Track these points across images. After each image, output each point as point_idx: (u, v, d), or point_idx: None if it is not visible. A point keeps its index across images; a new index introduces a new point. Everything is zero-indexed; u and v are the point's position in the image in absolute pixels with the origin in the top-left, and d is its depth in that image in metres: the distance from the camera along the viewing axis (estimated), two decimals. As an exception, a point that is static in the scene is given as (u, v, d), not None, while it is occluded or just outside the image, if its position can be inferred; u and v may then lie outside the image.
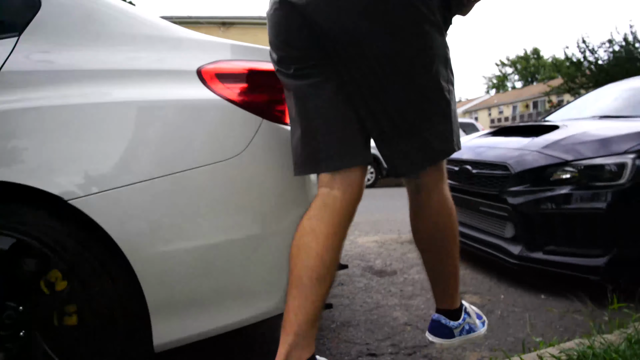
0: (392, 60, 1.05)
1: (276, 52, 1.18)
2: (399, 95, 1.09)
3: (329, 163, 1.13)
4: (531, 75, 59.05)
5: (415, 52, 1.05)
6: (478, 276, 2.63)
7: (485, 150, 2.82)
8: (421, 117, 1.13)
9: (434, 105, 1.13)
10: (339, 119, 1.12)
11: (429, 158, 1.18)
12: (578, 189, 2.19)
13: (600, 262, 2.09)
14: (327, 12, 1.02)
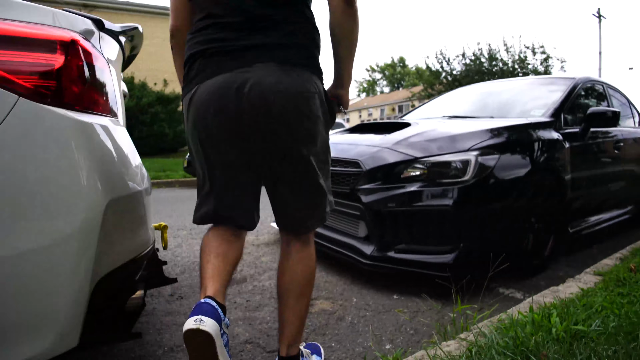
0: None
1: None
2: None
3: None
4: (397, 82, 64.22)
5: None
6: (332, 279, 2.52)
7: (340, 146, 2.73)
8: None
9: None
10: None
11: (304, 229, 1.39)
12: (426, 186, 2.19)
13: (448, 259, 2.12)
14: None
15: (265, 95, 1.15)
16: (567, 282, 1.95)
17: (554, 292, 1.83)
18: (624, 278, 1.88)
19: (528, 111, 3.18)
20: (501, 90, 3.91)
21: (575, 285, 1.89)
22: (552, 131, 2.81)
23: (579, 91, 3.33)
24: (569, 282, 1.96)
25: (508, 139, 2.48)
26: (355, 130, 3.14)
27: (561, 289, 1.85)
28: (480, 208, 2.19)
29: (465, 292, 2.25)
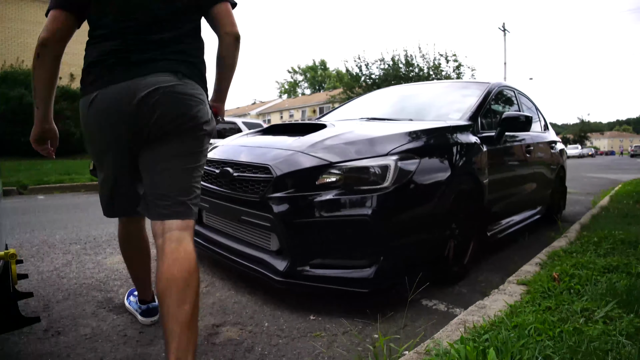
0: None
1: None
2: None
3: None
4: (319, 84, 64.99)
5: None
6: (242, 299, 2.21)
7: (249, 150, 2.44)
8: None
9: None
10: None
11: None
12: (343, 193, 1.96)
13: (368, 273, 1.91)
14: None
15: (160, 100, 1.33)
16: (493, 295, 1.84)
17: (481, 307, 1.69)
18: (549, 288, 1.80)
19: (446, 114, 3.12)
20: (419, 93, 3.86)
21: (501, 298, 1.77)
22: (470, 135, 2.75)
23: (493, 96, 3.35)
24: (494, 294, 1.84)
25: (428, 142, 2.35)
26: (268, 132, 2.86)
27: (488, 304, 1.72)
28: (401, 216, 2.02)
29: (386, 305, 2.08)
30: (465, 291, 2.39)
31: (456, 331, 1.46)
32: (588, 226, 3.31)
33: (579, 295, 1.70)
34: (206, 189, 2.59)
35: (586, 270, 1.99)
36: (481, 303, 1.73)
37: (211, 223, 2.70)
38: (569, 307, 1.54)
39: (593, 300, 1.60)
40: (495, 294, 1.85)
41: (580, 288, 1.78)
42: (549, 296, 1.72)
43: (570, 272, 1.97)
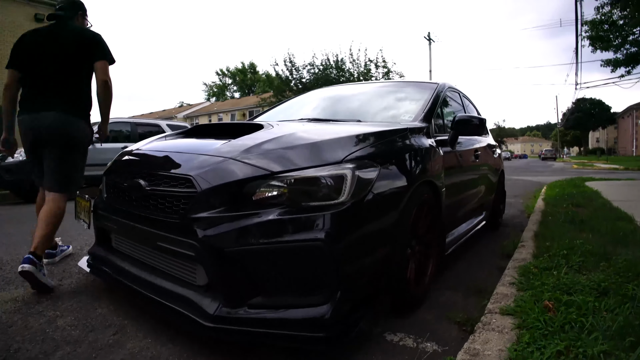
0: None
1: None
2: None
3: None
4: (248, 88, 63.76)
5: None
6: (162, 351, 1.66)
7: (165, 156, 1.92)
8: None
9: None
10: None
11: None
12: (289, 212, 1.53)
13: (323, 312, 1.48)
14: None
15: (49, 127, 2.54)
16: (480, 333, 1.50)
17: (474, 355, 1.34)
18: (545, 321, 1.50)
19: (396, 115, 2.81)
20: (362, 92, 3.53)
21: (492, 338, 1.44)
22: (426, 138, 2.45)
23: (442, 97, 3.10)
24: (480, 331, 1.51)
25: (386, 146, 1.99)
26: (191, 134, 2.34)
27: (480, 348, 1.37)
28: (361, 237, 1.63)
29: (346, 346, 1.68)
30: (430, 318, 2.05)
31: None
32: (541, 234, 3.16)
33: (586, 332, 1.41)
34: (113, 206, 2.05)
35: (580, 296, 1.73)
36: (471, 348, 1.39)
37: (122, 248, 2.15)
38: (584, 352, 1.24)
39: (609, 339, 1.32)
40: (481, 330, 1.52)
41: (584, 321, 1.49)
42: (550, 333, 1.41)
43: (564, 300, 1.69)
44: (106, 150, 7.68)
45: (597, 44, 13.68)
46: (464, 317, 2.03)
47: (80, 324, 1.90)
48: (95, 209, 2.26)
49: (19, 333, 1.81)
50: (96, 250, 2.34)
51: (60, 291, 2.34)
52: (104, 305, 2.13)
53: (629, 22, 12.45)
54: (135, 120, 8.77)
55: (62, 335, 1.79)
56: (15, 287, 2.42)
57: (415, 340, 1.81)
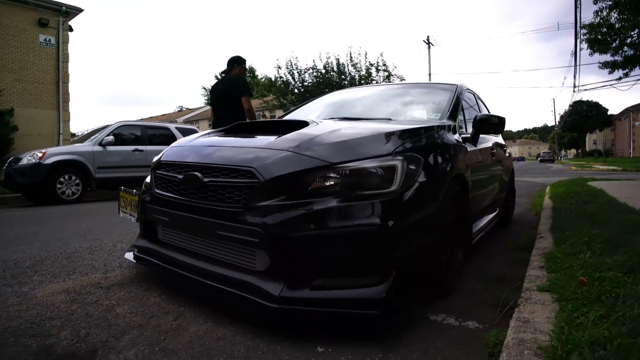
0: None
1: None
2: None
3: None
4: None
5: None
6: (226, 333, 1.78)
7: (221, 150, 2.05)
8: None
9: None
10: None
11: None
12: (346, 199, 1.67)
13: (378, 292, 1.62)
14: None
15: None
16: (523, 305, 1.63)
17: (525, 322, 1.47)
18: (582, 294, 1.64)
19: (424, 114, 2.96)
20: (384, 93, 3.68)
21: (537, 309, 1.58)
22: (454, 135, 2.60)
23: (462, 97, 3.25)
24: (524, 304, 1.64)
25: (425, 141, 2.13)
26: (234, 132, 2.48)
27: (529, 317, 1.51)
28: (410, 223, 1.76)
29: (393, 325, 1.82)
30: (462, 302, 2.19)
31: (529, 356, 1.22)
32: (557, 227, 3.31)
33: (622, 300, 1.56)
34: (164, 198, 2.17)
35: (610, 272, 1.88)
36: (520, 317, 1.52)
37: (171, 240, 2.27)
38: (623, 315, 1.38)
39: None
40: (525, 304, 1.66)
41: (618, 291, 1.64)
42: (589, 303, 1.56)
43: (596, 276, 1.84)
44: (117, 152, 7.83)
45: (595, 46, 13.90)
46: (495, 301, 2.17)
47: (138, 312, 2.01)
48: (142, 203, 2.39)
49: (82, 320, 1.92)
50: (142, 243, 2.46)
51: (109, 283, 2.45)
52: (155, 294, 2.25)
53: (627, 25, 12.68)
54: (144, 123, 8.90)
55: (125, 321, 1.90)
56: (63, 280, 2.53)
57: (456, 319, 1.95)
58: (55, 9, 13.82)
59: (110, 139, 7.72)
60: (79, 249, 3.32)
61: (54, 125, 13.94)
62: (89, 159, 7.43)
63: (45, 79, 13.63)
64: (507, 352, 1.26)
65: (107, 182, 7.71)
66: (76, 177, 7.28)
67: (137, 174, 7.75)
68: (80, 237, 3.80)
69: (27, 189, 7.25)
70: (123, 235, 3.87)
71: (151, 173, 2.37)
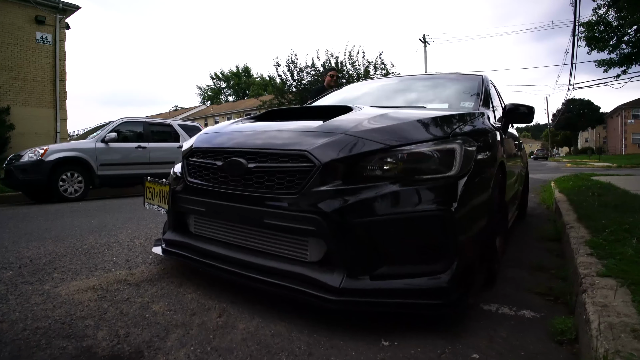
0: None
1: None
2: None
3: None
4: (242, 91, 63.68)
5: None
6: (279, 329, 1.68)
7: (266, 134, 1.96)
8: None
9: None
10: None
11: None
12: (407, 184, 1.59)
13: (442, 281, 1.54)
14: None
15: None
16: (591, 291, 1.55)
17: (603, 306, 1.39)
18: None
19: (456, 103, 2.88)
20: (410, 84, 3.58)
21: (608, 294, 1.51)
22: (490, 122, 2.53)
23: (489, 86, 3.19)
24: (592, 290, 1.56)
25: (475, 127, 2.06)
26: (268, 118, 2.38)
27: (606, 302, 1.44)
28: (469, 209, 1.68)
29: (452, 318, 1.75)
30: (510, 291, 2.13)
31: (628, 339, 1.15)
32: (585, 216, 3.25)
33: None
34: (201, 187, 2.07)
35: None
36: (596, 302, 1.45)
37: (205, 232, 2.18)
38: None
39: None
40: (593, 289, 1.58)
41: None
42: None
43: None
44: (119, 149, 7.69)
45: (593, 44, 13.96)
46: (541, 289, 2.12)
47: (177, 309, 1.90)
48: (174, 193, 2.28)
49: (118, 319, 1.79)
50: (172, 236, 2.35)
51: (137, 279, 2.34)
52: (190, 290, 2.14)
53: (625, 22, 12.75)
54: (147, 119, 8.75)
55: (166, 319, 1.78)
56: (86, 277, 2.41)
57: (510, 308, 1.89)
58: (52, 6, 13.57)
59: (113, 136, 7.57)
60: (95, 245, 3.21)
61: (50, 124, 13.70)
62: (91, 156, 7.28)
63: (42, 77, 13.38)
64: (602, 337, 1.19)
65: (109, 180, 7.56)
66: (79, 175, 7.13)
67: (140, 171, 7.62)
68: (94, 233, 3.68)
69: (29, 186, 7.08)
70: (139, 230, 3.76)
71: (183, 161, 2.27)
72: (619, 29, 13.35)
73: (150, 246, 3.07)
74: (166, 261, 2.61)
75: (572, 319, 1.67)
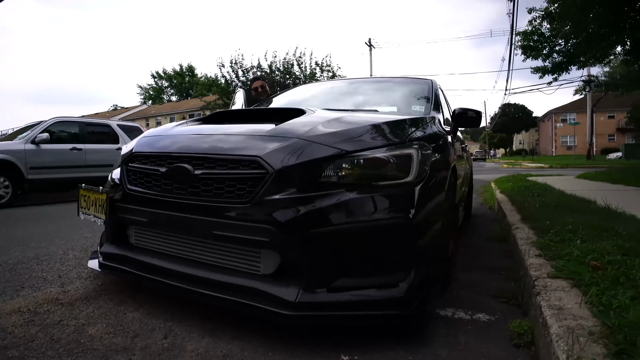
0: None
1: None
2: None
3: None
4: (186, 91, 61.83)
5: None
6: (232, 349, 1.55)
7: (214, 138, 1.83)
8: None
9: None
10: None
11: None
12: (363, 191, 1.53)
13: (400, 290, 1.49)
14: None
15: None
16: (544, 294, 1.57)
17: (559, 309, 1.40)
18: (599, 277, 1.64)
19: (407, 106, 2.88)
20: (356, 87, 3.55)
21: (562, 295, 1.53)
22: (442, 126, 2.54)
23: (438, 90, 3.23)
24: (545, 292, 1.58)
25: (428, 132, 2.04)
26: (216, 121, 2.23)
27: (560, 305, 1.44)
28: (427, 215, 1.65)
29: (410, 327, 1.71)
30: (464, 295, 2.14)
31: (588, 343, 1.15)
32: (528, 217, 3.37)
33: (636, 280, 1.58)
34: (142, 196, 1.90)
35: (616, 256, 1.90)
36: (551, 305, 1.46)
37: (147, 244, 2.01)
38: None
39: None
40: (546, 291, 1.60)
41: (634, 274, 1.65)
42: (612, 285, 1.56)
43: (605, 260, 1.86)
44: (52, 151, 7.14)
45: (528, 52, 14.82)
46: (495, 292, 2.15)
47: (117, 331, 1.72)
48: (112, 202, 2.09)
49: (48, 347, 1.58)
50: (110, 249, 2.14)
51: (70, 298, 2.12)
52: (132, 308, 1.95)
53: (556, 33, 13.62)
54: (83, 119, 8.19)
55: (104, 344, 1.60)
56: (10, 298, 2.14)
57: (466, 313, 1.89)
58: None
59: (45, 137, 6.99)
60: (22, 259, 2.90)
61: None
62: (19, 159, 6.67)
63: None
64: (562, 341, 1.18)
65: (41, 184, 6.98)
66: (5, 179, 6.52)
67: (75, 175, 7.11)
68: (21, 245, 3.34)
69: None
70: (73, 241, 3.46)
71: (122, 166, 2.07)
72: (552, 39, 14.23)
73: (86, 259, 2.82)
74: (104, 276, 2.39)
75: (527, 321, 1.69)
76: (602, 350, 1.13)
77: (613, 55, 14.61)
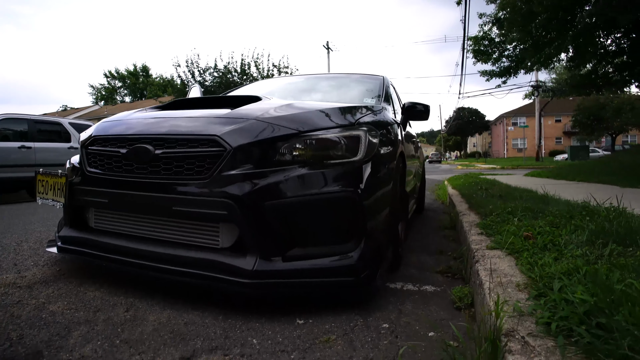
0: None
1: None
2: None
3: None
4: (140, 92, 60.13)
5: None
6: (193, 317, 1.64)
7: (173, 120, 1.90)
8: None
9: None
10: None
11: None
12: (316, 167, 1.66)
13: (352, 258, 1.63)
14: None
15: None
16: (482, 261, 1.76)
17: (494, 270, 1.58)
18: (530, 245, 1.86)
19: (359, 98, 3.04)
20: (315, 82, 3.70)
21: (499, 262, 1.72)
22: (393, 116, 2.72)
23: (389, 86, 3.42)
24: (483, 260, 1.77)
25: (378, 118, 2.20)
26: (175, 107, 2.29)
27: (495, 268, 1.63)
28: (375, 192, 1.80)
29: (362, 296, 1.85)
30: (413, 272, 2.31)
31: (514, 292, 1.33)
32: (475, 205, 3.63)
33: (563, 246, 1.80)
34: (102, 177, 1.94)
35: (546, 228, 2.13)
36: (488, 268, 1.64)
37: (107, 226, 2.05)
38: (571, 254, 1.62)
39: (582, 246, 1.74)
40: (483, 260, 1.79)
41: (559, 241, 1.87)
42: (539, 250, 1.77)
43: (535, 232, 2.09)
44: (-1, 150, 6.84)
45: (478, 56, 15.50)
46: (441, 269, 2.33)
47: (79, 307, 1.76)
48: (71, 185, 2.11)
49: (9, 322, 1.61)
50: (68, 232, 2.16)
51: (28, 282, 2.11)
52: (92, 288, 1.99)
53: (504, 39, 14.35)
54: (32, 117, 7.87)
55: (66, 318, 1.64)
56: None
57: (414, 285, 2.06)
58: None
59: (-10, 134, 6.71)
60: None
61: None
62: (-38, 158, 6.38)
63: None
64: (494, 292, 1.36)
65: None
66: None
67: (24, 174, 6.85)
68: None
69: None
70: (26, 234, 3.38)
71: (81, 150, 2.10)
72: (500, 44, 14.96)
73: (42, 249, 2.79)
74: (62, 262, 2.40)
75: (467, 287, 1.88)
76: (525, 296, 1.32)
77: (557, 62, 15.55)
